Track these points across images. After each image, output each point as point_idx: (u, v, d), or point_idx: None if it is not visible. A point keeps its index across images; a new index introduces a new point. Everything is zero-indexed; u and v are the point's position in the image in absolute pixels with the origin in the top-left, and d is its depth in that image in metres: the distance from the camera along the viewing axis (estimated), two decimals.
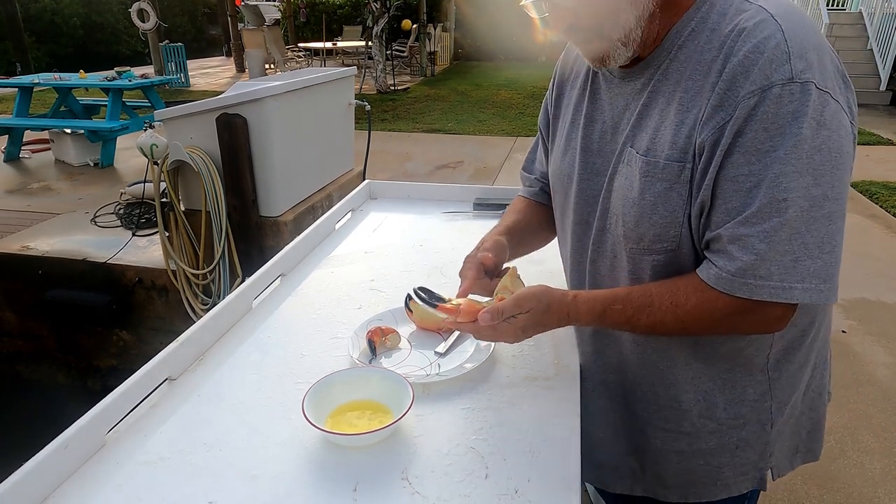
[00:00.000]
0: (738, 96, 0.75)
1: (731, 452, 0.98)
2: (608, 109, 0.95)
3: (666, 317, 0.83)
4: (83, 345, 4.02)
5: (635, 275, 0.92)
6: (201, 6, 23.97)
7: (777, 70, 0.73)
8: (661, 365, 0.97)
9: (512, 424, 0.88)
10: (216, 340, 1.11)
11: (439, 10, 14.77)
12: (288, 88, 3.38)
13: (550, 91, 1.14)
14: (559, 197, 1.07)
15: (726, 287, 0.78)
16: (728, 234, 0.77)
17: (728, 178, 0.77)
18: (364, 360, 1.03)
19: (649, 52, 0.87)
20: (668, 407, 0.98)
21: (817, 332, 0.95)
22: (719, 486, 1.01)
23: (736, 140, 0.76)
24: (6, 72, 12.68)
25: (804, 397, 1.00)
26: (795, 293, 0.75)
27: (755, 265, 0.75)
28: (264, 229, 3.53)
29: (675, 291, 0.83)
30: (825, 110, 0.73)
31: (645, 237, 0.87)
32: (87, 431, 0.82)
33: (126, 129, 5.79)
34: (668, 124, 0.83)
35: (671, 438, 1.00)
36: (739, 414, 0.95)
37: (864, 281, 3.89)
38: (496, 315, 0.87)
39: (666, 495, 1.05)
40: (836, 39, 10.01)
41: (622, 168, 0.91)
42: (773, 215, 0.74)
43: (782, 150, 0.73)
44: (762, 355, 0.92)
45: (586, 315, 0.88)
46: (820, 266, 0.74)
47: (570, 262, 1.06)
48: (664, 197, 0.84)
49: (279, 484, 0.77)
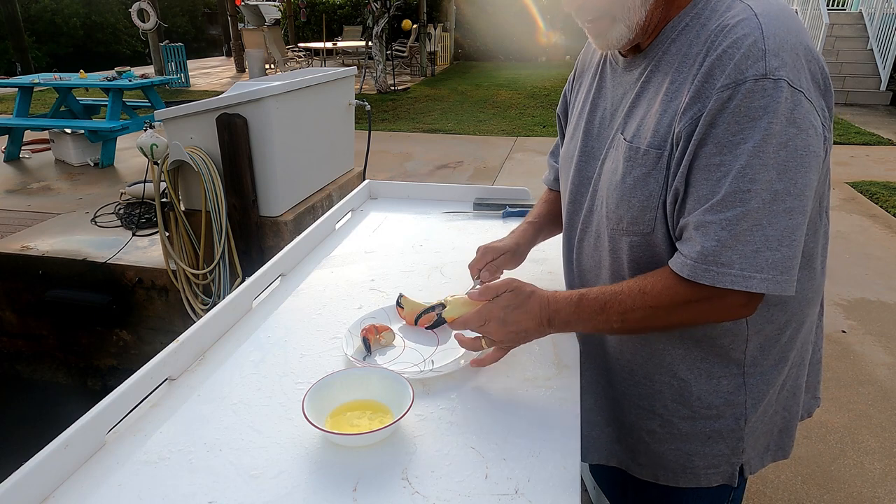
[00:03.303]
0: (712, 89, 0.78)
1: (703, 442, 1.00)
2: (610, 97, 1.00)
3: (635, 303, 0.86)
4: (83, 345, 4.02)
5: (615, 254, 0.97)
6: (201, 6, 23.99)
7: (752, 66, 0.76)
8: (637, 342, 1.01)
9: (512, 424, 0.88)
10: (216, 340, 1.11)
11: (439, 10, 14.78)
12: (288, 88, 3.38)
13: (570, 82, 1.20)
14: (564, 178, 1.13)
15: (690, 273, 0.81)
16: (694, 220, 0.81)
17: (700, 168, 0.80)
18: (358, 357, 1.04)
19: (648, 42, 0.91)
20: (641, 384, 1.02)
21: (795, 330, 0.97)
22: (689, 474, 1.03)
23: (709, 131, 0.79)
24: (6, 72, 12.70)
25: (779, 395, 1.02)
26: (755, 282, 0.78)
27: (716, 252, 0.78)
28: (264, 229, 3.53)
29: (644, 281, 0.87)
30: (796, 108, 0.76)
31: (623, 219, 0.92)
32: (87, 431, 0.82)
33: (126, 129, 5.79)
34: (653, 113, 0.88)
35: (644, 416, 1.04)
36: (713, 405, 0.98)
37: (864, 281, 3.89)
38: (485, 291, 0.94)
39: (638, 472, 1.09)
40: (836, 39, 10.02)
41: (611, 153, 0.96)
42: (736, 205, 0.77)
43: (751, 142, 0.76)
44: (739, 349, 0.94)
45: (564, 304, 0.92)
46: (779, 258, 0.77)
47: (564, 240, 1.13)
48: (642, 182, 0.88)
49: (279, 484, 0.77)
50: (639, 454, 1.07)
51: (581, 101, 1.09)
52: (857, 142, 7.29)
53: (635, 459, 1.08)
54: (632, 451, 1.08)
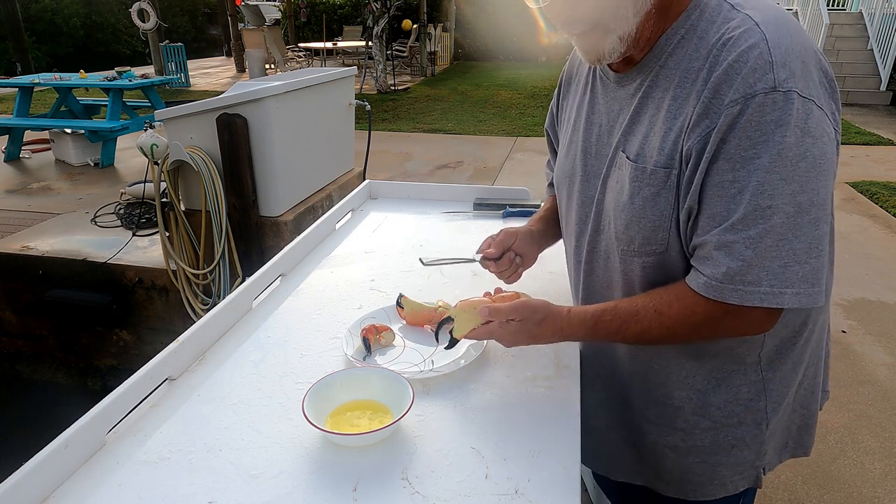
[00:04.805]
0: (721, 105, 0.76)
1: (727, 451, 0.99)
2: (604, 113, 0.97)
3: (651, 324, 0.85)
4: (83, 345, 4.02)
5: (627, 276, 0.95)
6: (201, 6, 23.99)
7: (760, 79, 0.74)
8: (653, 362, 0.99)
9: (512, 424, 0.88)
10: (216, 340, 1.11)
11: (439, 10, 14.78)
12: (288, 88, 3.38)
13: (556, 97, 1.18)
14: (563, 197, 1.10)
15: (716, 294, 0.79)
16: (714, 240, 0.79)
17: (713, 185, 0.79)
18: (359, 357, 1.04)
19: (641, 55, 0.88)
20: (662, 403, 1.00)
21: (811, 332, 0.96)
22: (717, 484, 1.02)
23: (721, 147, 0.77)
24: (6, 72, 12.70)
25: (797, 395, 1.01)
26: (786, 298, 0.77)
27: (742, 271, 0.77)
28: (264, 229, 3.53)
29: (659, 300, 0.86)
30: (809, 118, 0.75)
31: (635, 240, 0.89)
32: (87, 431, 0.82)
33: (126, 129, 5.78)
34: (656, 131, 0.85)
35: (665, 433, 1.02)
36: (734, 413, 0.97)
37: (864, 281, 3.89)
38: (493, 313, 0.89)
39: (665, 489, 1.07)
40: (837, 39, 10.02)
41: (614, 171, 0.93)
42: (758, 222, 0.76)
43: (766, 157, 0.74)
44: (754, 354, 0.94)
45: (579, 328, 0.90)
46: (808, 270, 0.76)
47: (571, 261, 1.10)
48: (652, 202, 0.86)
49: (279, 484, 0.77)
50: (663, 471, 1.05)
51: (573, 116, 1.06)
52: (857, 142, 7.29)
53: (660, 477, 1.06)
54: (655, 469, 1.06)
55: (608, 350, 1.05)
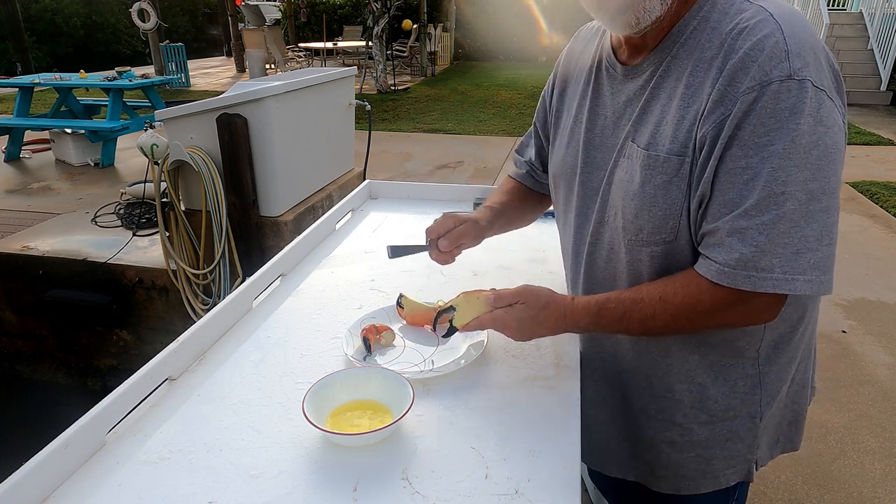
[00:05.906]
0: (737, 92, 0.77)
1: (721, 445, 1.00)
2: (610, 105, 0.98)
3: (656, 311, 0.86)
4: (83, 345, 4.02)
5: (633, 266, 0.94)
6: (201, 6, 24.00)
7: (776, 67, 0.75)
8: (656, 354, 0.99)
9: (512, 424, 0.88)
10: (216, 340, 1.11)
11: (440, 10, 14.78)
12: (288, 88, 3.38)
13: (549, 88, 1.17)
14: (562, 191, 1.10)
15: (729, 281, 0.79)
16: (727, 226, 0.79)
17: (726, 171, 0.79)
18: (359, 357, 1.04)
19: (653, 45, 0.89)
20: (662, 397, 1.01)
21: (806, 327, 0.98)
22: (709, 478, 1.03)
23: (735, 134, 0.77)
24: (6, 72, 12.70)
25: (789, 390, 1.03)
26: (798, 285, 0.77)
27: (755, 257, 0.77)
28: (264, 229, 3.53)
29: (664, 288, 0.86)
30: (822, 108, 0.75)
31: (644, 229, 0.90)
32: (87, 431, 0.82)
33: (126, 129, 5.78)
34: (669, 119, 0.86)
35: (663, 428, 1.02)
36: (730, 406, 0.98)
37: (864, 281, 3.89)
38: (498, 300, 0.91)
39: (658, 485, 1.08)
40: (837, 39, 10.01)
41: (623, 162, 0.93)
42: (771, 208, 0.76)
43: (780, 144, 0.75)
44: (753, 348, 0.94)
45: (583, 315, 0.90)
46: (820, 258, 0.77)
47: (570, 254, 1.09)
48: (664, 189, 0.86)
49: (279, 484, 0.77)
50: (658, 467, 1.06)
51: (573, 110, 1.06)
52: (857, 142, 7.29)
53: (654, 473, 1.07)
54: (650, 465, 1.07)
55: (609, 344, 1.06)
